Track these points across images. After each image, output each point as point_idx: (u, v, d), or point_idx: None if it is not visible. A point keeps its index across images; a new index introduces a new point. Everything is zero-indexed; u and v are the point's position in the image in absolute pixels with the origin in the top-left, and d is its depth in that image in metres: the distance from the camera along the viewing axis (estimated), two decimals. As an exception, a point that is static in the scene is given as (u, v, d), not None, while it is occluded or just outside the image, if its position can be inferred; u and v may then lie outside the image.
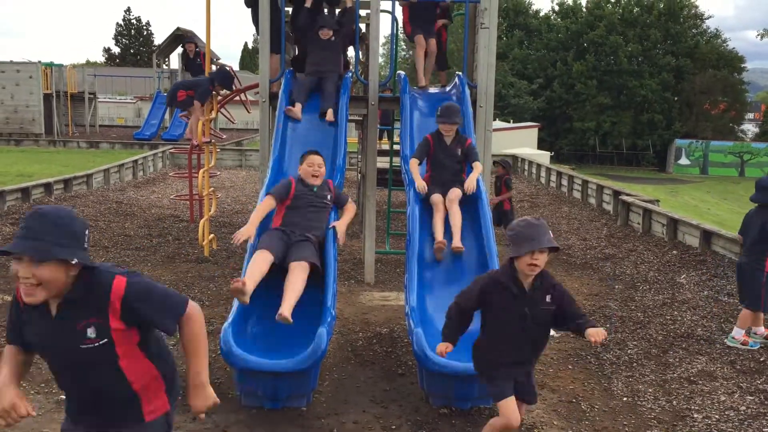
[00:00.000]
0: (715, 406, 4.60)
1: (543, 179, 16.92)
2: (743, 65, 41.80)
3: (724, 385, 4.94)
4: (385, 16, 8.04)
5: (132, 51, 65.27)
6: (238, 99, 10.39)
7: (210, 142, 8.81)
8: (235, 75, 9.88)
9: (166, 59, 27.75)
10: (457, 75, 7.47)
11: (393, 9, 8.02)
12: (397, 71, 8.20)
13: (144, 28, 66.22)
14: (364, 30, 8.95)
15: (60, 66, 26.29)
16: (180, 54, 19.57)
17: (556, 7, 44.33)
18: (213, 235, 8.76)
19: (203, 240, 8.31)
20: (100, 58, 68.14)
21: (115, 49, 66.04)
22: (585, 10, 42.46)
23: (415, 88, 7.61)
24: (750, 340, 5.70)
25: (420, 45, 7.74)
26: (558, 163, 24.69)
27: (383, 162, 9.69)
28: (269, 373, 4.17)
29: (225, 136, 18.57)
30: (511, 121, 33.32)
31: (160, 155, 18.34)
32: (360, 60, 8.85)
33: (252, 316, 4.75)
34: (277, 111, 6.77)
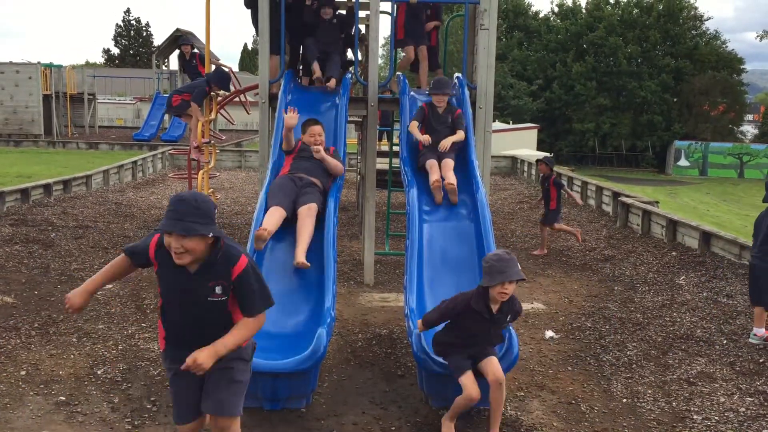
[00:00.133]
0: (715, 407, 4.60)
1: (542, 180, 16.91)
2: (742, 66, 41.84)
3: (724, 386, 4.94)
4: (384, 17, 8.06)
5: (131, 52, 65.32)
6: (237, 100, 10.40)
7: (209, 143, 8.80)
8: (234, 76, 9.90)
9: (166, 60, 27.78)
10: (457, 76, 7.47)
11: (392, 10, 8.02)
12: (397, 72, 8.20)
13: (143, 29, 66.28)
14: (364, 31, 8.96)
15: (59, 67, 26.30)
16: (178, 56, 19.58)
17: (556, 9, 44.43)
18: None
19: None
20: (100, 59, 68.25)
21: (115, 50, 66.12)
22: (584, 11, 42.51)
23: (414, 90, 7.61)
24: None
25: (408, 58, 8.03)
26: (557, 165, 24.70)
27: (383, 163, 9.69)
28: (268, 373, 4.17)
29: (224, 138, 18.56)
30: (511, 122, 33.33)
31: (159, 156, 18.34)
32: (359, 61, 8.86)
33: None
34: (276, 112, 6.77)
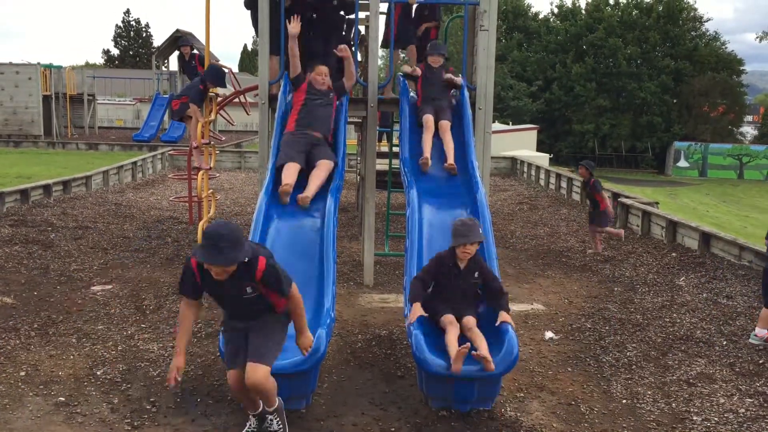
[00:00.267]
0: (715, 408, 4.60)
1: (542, 181, 16.92)
2: (742, 68, 41.81)
3: (724, 387, 4.94)
4: (384, 18, 8.05)
5: (131, 53, 65.31)
6: (237, 101, 10.39)
7: (209, 143, 8.80)
8: (234, 76, 9.89)
9: (166, 61, 27.79)
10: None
11: (392, 11, 8.02)
12: (397, 73, 8.20)
13: (143, 29, 66.26)
14: (363, 32, 8.96)
15: (59, 68, 26.31)
16: (177, 56, 19.58)
17: (555, 10, 44.41)
18: (212, 236, 8.75)
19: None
20: (99, 60, 68.22)
21: (115, 51, 66.10)
22: (584, 12, 42.50)
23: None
24: None
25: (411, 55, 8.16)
26: (557, 166, 24.70)
27: (382, 164, 9.69)
28: (268, 375, 4.16)
29: (224, 138, 18.56)
30: (510, 123, 33.33)
31: (159, 157, 18.34)
32: (359, 62, 8.85)
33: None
34: (276, 113, 6.77)
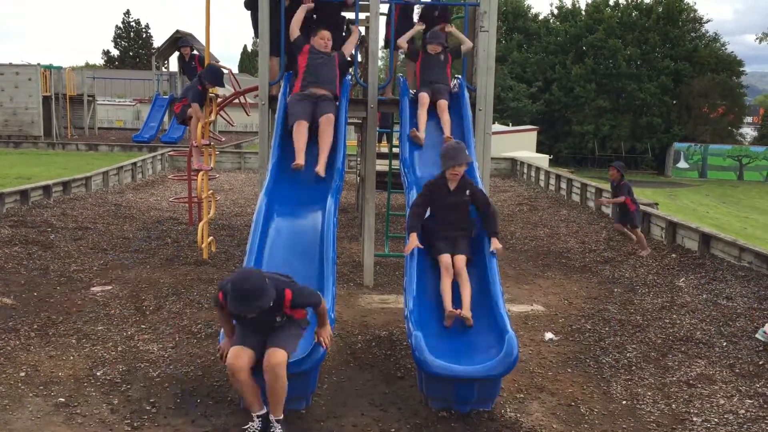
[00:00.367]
0: (714, 409, 4.60)
1: (542, 182, 16.93)
2: (742, 69, 41.81)
3: (723, 388, 4.94)
4: (384, 19, 8.05)
5: (131, 53, 65.35)
6: (237, 102, 10.39)
7: (209, 144, 8.80)
8: (234, 77, 9.89)
9: (165, 62, 27.79)
10: (457, 78, 7.47)
11: (393, 12, 8.02)
12: (397, 74, 8.20)
13: (143, 30, 66.30)
14: (364, 33, 8.96)
15: (59, 68, 26.31)
16: (177, 57, 19.60)
17: (555, 11, 44.39)
18: (212, 237, 8.76)
19: (202, 243, 8.31)
20: (99, 61, 68.24)
21: (114, 52, 66.15)
22: (584, 13, 42.50)
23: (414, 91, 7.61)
24: None
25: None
26: (557, 167, 24.71)
27: (382, 165, 9.69)
28: (268, 375, 4.16)
29: (224, 139, 18.56)
30: (510, 124, 33.35)
31: (159, 158, 18.33)
32: (359, 63, 8.86)
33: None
34: (276, 114, 6.77)
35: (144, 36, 66.16)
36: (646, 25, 39.92)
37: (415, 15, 7.97)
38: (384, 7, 7.98)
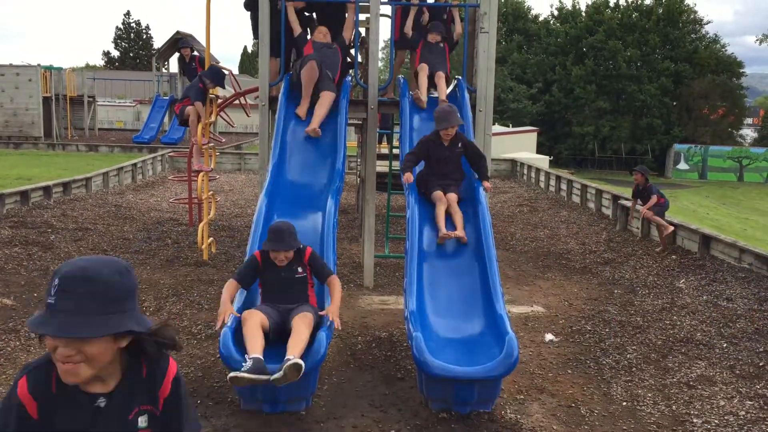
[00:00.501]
0: (715, 411, 4.60)
1: (542, 183, 16.93)
2: (742, 70, 41.80)
3: (724, 389, 4.94)
4: (384, 20, 8.06)
5: (131, 54, 65.32)
6: (237, 103, 10.40)
7: (208, 143, 8.80)
8: (234, 78, 9.89)
9: (166, 63, 27.77)
10: (457, 79, 7.47)
11: (393, 13, 8.03)
12: (397, 75, 8.20)
13: (143, 31, 66.28)
14: (364, 34, 8.96)
15: (59, 69, 26.30)
16: (178, 58, 19.58)
17: (556, 12, 44.40)
18: (212, 238, 8.76)
19: (202, 243, 8.31)
20: (100, 62, 68.20)
21: (115, 53, 66.11)
22: (584, 14, 42.50)
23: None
24: None
25: (400, 59, 8.51)
26: (557, 168, 24.70)
27: (383, 166, 9.69)
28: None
29: (224, 140, 18.55)
30: (510, 125, 33.34)
31: (159, 159, 18.34)
32: (360, 64, 8.87)
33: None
34: (276, 114, 6.77)
35: (144, 37, 66.15)
36: (646, 26, 39.91)
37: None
38: (387, 9, 7.98)
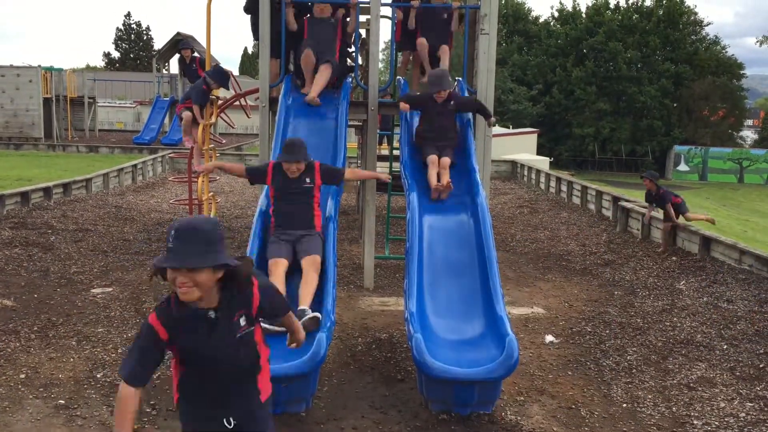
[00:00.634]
0: (715, 412, 4.60)
1: (542, 185, 16.93)
2: (742, 72, 41.82)
3: (724, 391, 4.94)
4: (385, 21, 8.06)
5: (132, 55, 65.34)
6: (238, 104, 10.40)
7: (210, 139, 8.80)
8: (235, 79, 9.89)
9: (166, 64, 27.78)
10: (457, 80, 7.48)
11: (393, 15, 8.03)
12: (397, 77, 8.20)
13: (144, 32, 66.30)
14: (364, 35, 8.97)
15: (60, 70, 26.30)
16: (178, 59, 19.61)
17: (556, 14, 44.41)
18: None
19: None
20: (100, 63, 68.25)
21: (115, 54, 66.13)
22: (584, 16, 42.52)
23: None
24: None
25: (405, 61, 8.24)
26: (557, 169, 24.70)
27: (383, 167, 9.69)
28: (268, 378, 4.15)
29: (225, 141, 18.55)
30: (511, 126, 33.34)
31: (159, 160, 18.35)
32: (360, 65, 8.87)
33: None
34: (276, 116, 6.78)
35: (145, 38, 66.17)
36: (646, 27, 39.93)
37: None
38: (387, 11, 7.99)
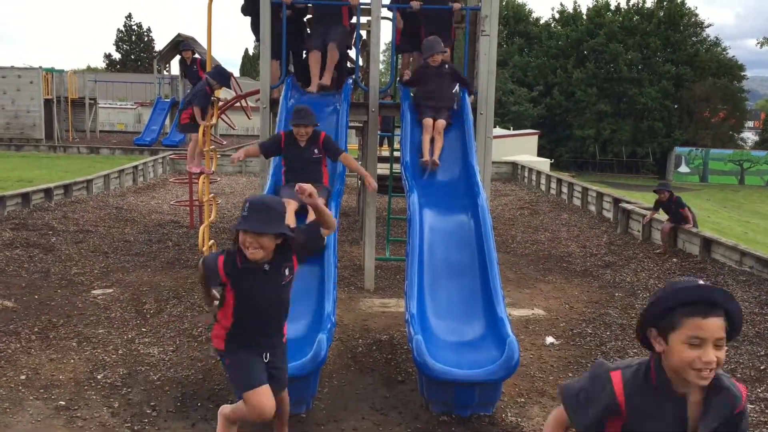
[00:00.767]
0: (716, 414, 4.58)
1: (543, 186, 16.93)
2: (743, 73, 41.86)
3: (725, 393, 4.93)
4: (385, 23, 8.06)
5: (133, 57, 65.41)
6: (238, 105, 10.40)
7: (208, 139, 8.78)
8: (235, 80, 9.89)
9: (167, 65, 27.82)
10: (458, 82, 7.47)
11: (393, 16, 8.04)
12: (397, 78, 8.20)
13: (145, 34, 66.40)
14: (365, 37, 8.97)
15: (61, 71, 26.35)
16: (179, 61, 19.65)
17: (557, 15, 44.48)
18: (213, 241, 8.74)
19: (203, 246, 8.30)
20: (101, 64, 68.35)
21: (116, 55, 66.24)
22: (585, 17, 42.57)
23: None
24: None
25: (405, 64, 8.12)
26: (558, 171, 24.71)
27: (383, 168, 9.70)
28: (269, 379, 4.15)
29: (225, 143, 18.57)
30: (511, 128, 33.37)
31: (160, 161, 18.37)
32: (360, 66, 8.87)
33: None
34: (277, 117, 6.78)
35: (145, 39, 66.26)
36: (647, 29, 39.97)
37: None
38: (388, 12, 7.99)
